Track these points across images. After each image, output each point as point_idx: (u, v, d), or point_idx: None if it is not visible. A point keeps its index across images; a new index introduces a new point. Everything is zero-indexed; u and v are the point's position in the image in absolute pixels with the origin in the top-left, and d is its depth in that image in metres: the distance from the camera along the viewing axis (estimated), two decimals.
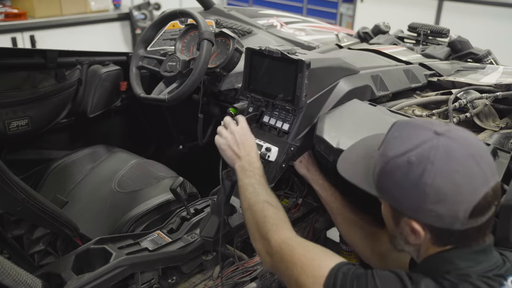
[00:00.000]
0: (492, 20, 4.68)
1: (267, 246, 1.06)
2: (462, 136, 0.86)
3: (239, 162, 1.25)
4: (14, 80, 1.80)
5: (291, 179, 1.67)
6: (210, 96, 1.86)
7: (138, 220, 1.57)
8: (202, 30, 1.61)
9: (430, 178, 0.82)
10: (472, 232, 0.85)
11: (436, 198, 0.82)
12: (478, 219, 0.83)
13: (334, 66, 1.51)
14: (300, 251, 0.99)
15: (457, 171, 0.81)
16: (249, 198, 1.16)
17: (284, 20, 2.49)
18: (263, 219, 1.10)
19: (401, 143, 0.87)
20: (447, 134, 0.85)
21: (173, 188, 1.45)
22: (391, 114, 1.46)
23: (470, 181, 0.82)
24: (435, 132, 0.85)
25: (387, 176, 0.89)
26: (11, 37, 4.31)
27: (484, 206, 0.83)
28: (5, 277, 0.92)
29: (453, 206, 0.82)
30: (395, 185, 0.87)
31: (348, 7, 5.87)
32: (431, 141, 0.84)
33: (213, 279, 1.45)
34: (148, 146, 2.52)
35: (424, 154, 0.83)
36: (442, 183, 0.81)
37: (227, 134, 1.30)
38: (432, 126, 0.87)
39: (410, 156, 0.84)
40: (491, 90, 1.68)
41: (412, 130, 0.89)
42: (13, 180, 1.11)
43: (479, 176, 0.82)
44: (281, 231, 1.06)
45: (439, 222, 0.84)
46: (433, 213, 0.83)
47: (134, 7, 5.39)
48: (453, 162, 0.82)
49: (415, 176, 0.83)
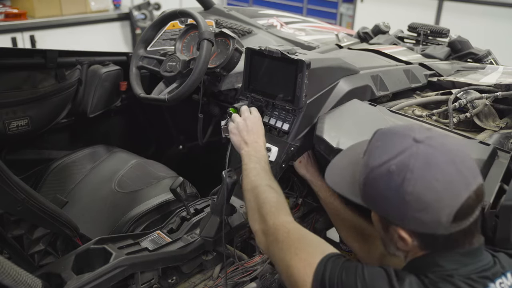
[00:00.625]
0: (492, 20, 4.68)
1: (264, 226, 1.09)
2: (441, 142, 0.86)
3: (246, 147, 1.29)
4: (14, 80, 1.80)
5: (291, 179, 1.67)
6: (210, 96, 1.86)
7: (138, 220, 1.57)
8: (202, 30, 1.61)
9: (410, 186, 0.82)
10: (457, 235, 0.85)
11: (417, 206, 0.83)
12: (461, 223, 0.84)
13: (334, 66, 1.51)
14: (295, 235, 1.01)
15: (436, 179, 0.82)
16: (252, 180, 1.19)
17: (284, 20, 2.49)
18: (264, 200, 1.13)
19: (383, 152, 0.88)
20: (427, 142, 0.85)
21: (173, 188, 1.45)
22: (391, 114, 1.46)
23: (450, 187, 0.82)
24: (414, 140, 0.86)
25: (370, 186, 0.90)
26: (11, 37, 4.31)
27: (466, 210, 0.83)
28: (5, 277, 0.91)
29: (435, 213, 0.82)
30: (378, 195, 0.88)
31: (348, 7, 5.87)
32: (411, 149, 0.85)
33: (213, 279, 1.45)
34: (148, 146, 2.52)
35: (404, 163, 0.84)
36: (423, 191, 0.82)
37: (239, 120, 1.35)
38: (413, 133, 0.87)
39: (391, 165, 0.85)
40: (491, 90, 1.68)
41: (392, 139, 0.89)
42: (13, 180, 1.11)
43: (459, 182, 0.82)
44: (279, 214, 1.09)
45: (423, 228, 0.85)
46: (416, 221, 0.84)
47: (134, 7, 5.39)
48: (432, 169, 0.82)
49: (396, 185, 0.84)
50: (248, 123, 1.33)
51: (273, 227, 1.06)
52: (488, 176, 1.16)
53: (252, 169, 1.22)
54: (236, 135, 1.33)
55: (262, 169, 1.23)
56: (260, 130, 1.34)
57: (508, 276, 0.87)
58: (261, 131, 1.34)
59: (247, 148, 1.29)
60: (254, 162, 1.24)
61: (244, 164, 1.26)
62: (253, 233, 1.15)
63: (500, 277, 0.86)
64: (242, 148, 1.30)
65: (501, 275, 0.86)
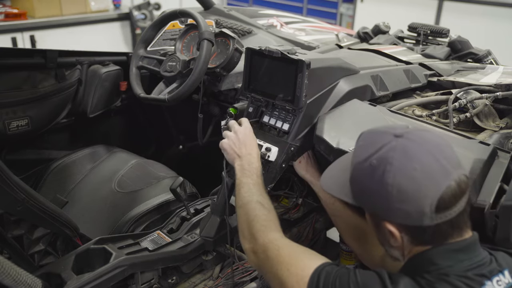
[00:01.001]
0: (492, 20, 4.68)
1: (254, 244, 1.09)
2: (420, 135, 0.89)
3: (239, 161, 1.27)
4: (14, 80, 1.80)
5: (291, 179, 1.67)
6: (210, 96, 1.86)
7: (138, 220, 1.57)
8: (202, 30, 1.61)
9: (391, 178, 0.85)
10: (444, 227, 0.86)
11: (399, 197, 0.85)
12: (446, 213, 0.85)
13: (334, 66, 1.51)
14: (285, 251, 1.02)
15: (414, 168, 0.84)
16: (243, 197, 1.19)
17: (284, 20, 2.49)
18: (253, 218, 1.13)
19: (365, 149, 0.92)
20: (406, 136, 0.88)
21: (173, 188, 1.45)
22: (391, 114, 1.45)
23: (429, 176, 0.84)
24: (394, 135, 0.89)
25: (355, 182, 0.94)
26: (11, 37, 4.31)
27: (449, 199, 0.85)
28: (5, 277, 0.92)
29: (418, 202, 0.84)
30: (364, 190, 0.92)
31: (348, 7, 5.87)
32: (390, 143, 0.88)
33: (213, 279, 1.45)
34: (148, 146, 2.52)
35: (383, 156, 0.87)
36: (402, 181, 0.85)
37: (230, 134, 1.33)
38: (393, 130, 0.91)
39: (372, 160, 0.89)
40: (491, 90, 1.68)
41: (374, 136, 0.93)
42: (13, 180, 1.11)
43: (438, 171, 0.85)
44: (269, 232, 1.09)
45: (409, 220, 0.86)
46: (401, 212, 0.86)
47: (134, 7, 5.39)
48: (410, 160, 0.85)
49: (377, 178, 0.87)
50: (239, 136, 1.31)
51: (263, 245, 1.07)
52: (488, 176, 1.16)
53: (244, 184, 1.22)
54: (229, 150, 1.30)
55: (254, 184, 1.22)
56: (252, 141, 1.32)
57: (506, 273, 0.88)
58: (254, 141, 1.32)
59: (240, 162, 1.27)
60: (246, 176, 1.23)
61: (237, 179, 1.25)
62: (244, 250, 1.15)
63: (498, 275, 0.87)
64: (236, 162, 1.28)
65: (498, 273, 0.87)
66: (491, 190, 1.11)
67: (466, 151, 1.20)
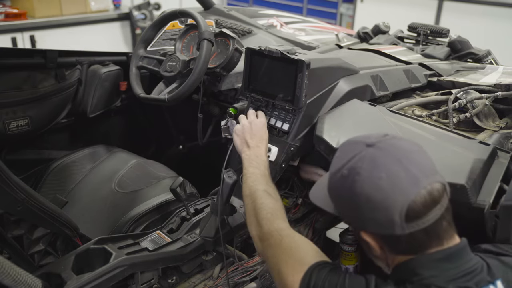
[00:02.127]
0: (492, 20, 4.68)
1: (260, 231, 1.11)
2: (391, 144, 0.88)
3: (248, 151, 1.31)
4: (14, 80, 1.80)
5: (291, 179, 1.67)
6: (210, 96, 1.86)
7: (138, 220, 1.57)
8: (202, 30, 1.61)
9: (359, 187, 0.86)
10: (419, 236, 0.84)
11: (368, 206, 0.85)
12: (418, 222, 0.83)
13: (334, 66, 1.51)
14: (287, 243, 1.03)
15: (380, 177, 0.84)
16: (251, 186, 1.22)
17: (284, 20, 2.49)
18: (260, 205, 1.15)
19: (339, 160, 0.93)
20: (377, 145, 0.88)
21: (173, 188, 1.45)
22: (391, 114, 1.45)
23: (396, 185, 0.83)
24: (366, 144, 0.89)
25: (331, 192, 0.96)
26: (11, 37, 4.31)
27: (419, 208, 0.83)
28: (5, 277, 0.91)
29: (387, 211, 0.83)
30: (339, 200, 0.94)
31: (348, 7, 5.86)
32: (360, 153, 0.89)
33: (213, 279, 1.45)
34: (148, 146, 2.52)
35: (353, 166, 0.88)
36: (370, 190, 0.85)
37: (245, 122, 1.38)
38: (366, 139, 0.91)
39: (343, 170, 0.90)
40: (491, 90, 1.68)
41: (349, 146, 0.94)
42: (13, 180, 1.11)
43: (406, 179, 0.83)
44: (275, 221, 1.11)
45: (381, 229, 0.86)
46: (372, 221, 0.86)
47: (134, 7, 5.39)
48: (377, 169, 0.85)
49: (347, 188, 0.88)
50: (253, 127, 1.36)
51: (267, 233, 1.08)
52: (488, 176, 1.16)
53: (252, 174, 1.25)
54: (240, 137, 1.36)
55: (261, 175, 1.25)
56: (264, 135, 1.36)
57: (498, 284, 0.84)
58: (265, 136, 1.37)
59: (249, 152, 1.31)
60: (253, 167, 1.27)
61: (244, 168, 1.28)
62: (251, 236, 1.17)
63: (487, 285, 0.83)
64: (244, 151, 1.33)
65: (488, 284, 0.84)
66: (491, 190, 1.11)
67: (466, 151, 1.20)
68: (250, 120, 1.39)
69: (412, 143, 0.91)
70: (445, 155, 1.20)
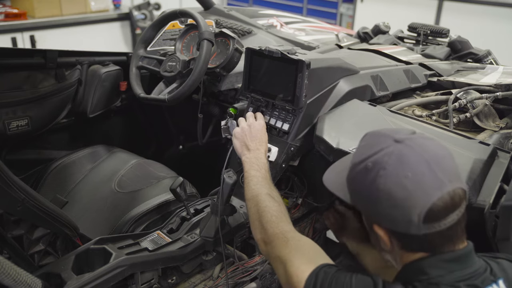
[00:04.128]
0: (492, 20, 4.68)
1: (264, 234, 1.11)
2: (420, 143, 0.87)
3: (248, 154, 1.32)
4: (14, 80, 1.79)
5: (291, 179, 1.67)
6: (210, 96, 1.86)
7: (138, 220, 1.57)
8: (202, 30, 1.61)
9: (382, 183, 0.85)
10: (433, 238, 0.85)
11: (388, 203, 0.85)
12: (435, 224, 0.84)
13: (334, 66, 1.51)
14: (293, 245, 1.03)
15: (406, 176, 0.83)
16: (253, 189, 1.22)
17: (284, 20, 2.49)
18: (264, 209, 1.15)
19: (364, 150, 0.91)
20: (405, 142, 0.87)
21: (173, 188, 1.45)
22: (391, 114, 1.46)
23: (420, 186, 0.83)
24: (394, 140, 0.88)
25: (351, 182, 0.94)
26: (11, 37, 4.31)
27: (439, 211, 0.83)
28: (5, 277, 0.91)
29: (406, 210, 0.83)
30: (358, 191, 0.92)
31: (348, 7, 5.87)
32: (388, 148, 0.87)
33: (213, 279, 1.45)
34: (148, 146, 2.52)
35: (378, 160, 0.87)
36: (393, 187, 0.84)
37: (245, 125, 1.38)
38: (395, 134, 0.90)
39: (367, 163, 0.88)
40: (491, 90, 1.68)
41: (376, 138, 0.92)
42: (13, 180, 1.11)
43: (431, 181, 0.83)
44: (279, 223, 1.11)
45: (396, 227, 0.86)
46: (389, 217, 0.86)
47: (134, 7, 5.39)
48: (403, 167, 0.84)
49: (370, 181, 0.87)
50: (252, 130, 1.36)
51: (272, 236, 1.09)
52: (488, 176, 1.16)
53: (253, 177, 1.25)
54: (239, 140, 1.36)
55: (262, 178, 1.25)
56: (263, 137, 1.36)
57: (500, 283, 0.86)
58: (265, 138, 1.37)
59: (249, 155, 1.31)
60: (255, 169, 1.27)
61: (245, 172, 1.28)
62: (254, 238, 1.18)
63: (491, 284, 0.85)
64: (244, 154, 1.33)
65: (492, 283, 0.85)
66: (491, 190, 1.11)
67: (466, 151, 1.20)
68: (249, 123, 1.39)
69: (440, 146, 0.90)
70: None
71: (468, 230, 0.98)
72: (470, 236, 0.97)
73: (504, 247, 1.07)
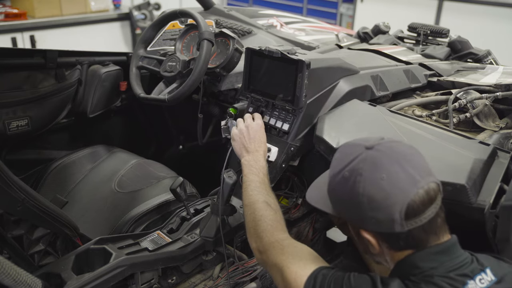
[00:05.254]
0: (492, 20, 4.68)
1: (260, 243, 1.13)
2: (389, 146, 0.92)
3: (247, 156, 1.32)
4: (14, 80, 1.79)
5: (291, 179, 1.67)
6: (210, 96, 1.86)
7: (138, 220, 1.57)
8: (202, 30, 1.61)
9: (361, 188, 0.89)
10: (417, 233, 0.90)
11: (370, 206, 0.89)
12: (416, 219, 0.88)
13: (334, 66, 1.51)
14: (289, 250, 1.06)
15: (382, 177, 0.88)
16: (250, 195, 1.22)
17: (284, 20, 2.49)
18: (260, 217, 1.16)
19: (339, 162, 0.96)
20: (376, 147, 0.92)
21: (173, 188, 1.45)
22: (391, 114, 1.45)
23: (396, 185, 0.88)
24: (365, 147, 0.93)
25: (332, 193, 0.98)
26: (11, 37, 4.31)
27: (417, 206, 0.88)
28: (5, 277, 0.91)
29: (387, 210, 0.88)
30: (340, 201, 0.96)
31: (348, 7, 5.86)
32: (361, 155, 0.92)
33: (213, 279, 1.45)
34: (148, 146, 2.52)
35: (354, 168, 0.91)
36: (372, 190, 0.88)
37: (242, 127, 1.38)
38: (365, 142, 0.94)
39: (344, 172, 0.93)
40: (491, 90, 1.68)
41: (348, 149, 0.97)
42: (13, 180, 1.11)
43: (405, 179, 0.88)
44: (275, 232, 1.12)
45: (381, 227, 0.90)
46: (373, 220, 0.90)
47: (134, 7, 5.39)
48: (378, 170, 0.89)
49: (349, 188, 0.91)
50: (250, 131, 1.36)
51: (268, 244, 1.10)
52: (488, 176, 1.16)
53: (251, 182, 1.25)
54: (238, 142, 1.37)
55: (260, 182, 1.25)
56: (262, 138, 1.36)
57: (488, 272, 0.90)
58: (263, 138, 1.37)
59: (248, 157, 1.32)
60: (253, 173, 1.27)
61: (244, 175, 1.29)
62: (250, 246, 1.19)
63: (480, 273, 0.89)
64: (243, 157, 1.34)
65: (480, 272, 0.90)
66: (491, 190, 1.11)
67: (466, 151, 1.20)
68: (247, 124, 1.39)
69: (408, 146, 0.95)
70: (445, 155, 1.20)
71: (468, 230, 0.99)
72: (470, 236, 0.98)
73: (504, 247, 1.07)
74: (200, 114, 1.76)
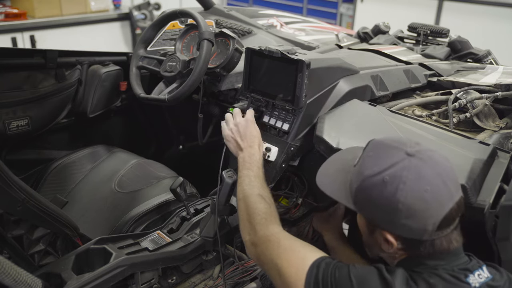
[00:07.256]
0: (492, 20, 4.68)
1: (254, 237, 1.12)
2: (430, 156, 0.94)
3: (241, 153, 1.31)
4: (14, 80, 1.79)
5: (291, 179, 1.67)
6: (210, 96, 1.86)
7: (138, 220, 1.57)
8: (202, 30, 1.61)
9: (403, 196, 0.90)
10: (439, 241, 0.94)
11: (407, 214, 0.90)
12: (444, 230, 0.93)
13: (334, 66, 1.51)
14: (286, 244, 1.05)
15: (426, 190, 0.90)
16: (244, 190, 1.22)
17: (284, 20, 2.49)
18: (254, 211, 1.15)
19: (376, 162, 0.95)
20: (418, 155, 0.93)
21: (173, 188, 1.45)
22: (391, 114, 1.45)
23: (437, 198, 0.90)
24: (406, 153, 0.93)
25: (363, 193, 0.97)
26: (11, 37, 4.31)
27: (449, 219, 0.92)
28: (5, 277, 0.91)
29: (423, 221, 0.90)
30: (371, 201, 0.95)
31: (348, 7, 5.87)
32: (403, 162, 0.92)
33: (213, 279, 1.45)
34: (148, 146, 2.52)
35: (397, 174, 0.91)
36: (413, 200, 0.90)
37: (232, 126, 1.36)
38: (404, 147, 0.95)
39: (385, 176, 0.92)
40: (491, 90, 1.68)
41: (385, 150, 0.97)
42: (13, 180, 1.11)
43: (445, 193, 0.91)
44: (269, 225, 1.12)
45: (410, 235, 0.93)
46: (405, 227, 0.92)
47: (134, 7, 5.39)
48: (422, 181, 0.90)
49: (389, 194, 0.91)
50: (240, 129, 1.34)
51: (263, 237, 1.10)
52: (488, 176, 1.16)
53: (245, 177, 1.25)
54: (231, 142, 1.35)
55: (254, 176, 1.25)
56: (253, 132, 1.34)
57: (484, 269, 0.95)
58: (255, 133, 1.34)
59: (242, 154, 1.31)
60: (247, 168, 1.27)
61: (239, 171, 1.28)
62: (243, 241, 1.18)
63: (478, 269, 0.94)
64: (238, 154, 1.33)
65: (478, 268, 0.94)
66: (491, 190, 1.11)
67: (466, 151, 1.20)
68: (236, 122, 1.36)
69: (444, 158, 0.96)
70: (445, 155, 1.19)
71: (468, 230, 0.99)
72: (470, 236, 0.98)
73: (504, 247, 1.07)
74: (200, 114, 1.76)
